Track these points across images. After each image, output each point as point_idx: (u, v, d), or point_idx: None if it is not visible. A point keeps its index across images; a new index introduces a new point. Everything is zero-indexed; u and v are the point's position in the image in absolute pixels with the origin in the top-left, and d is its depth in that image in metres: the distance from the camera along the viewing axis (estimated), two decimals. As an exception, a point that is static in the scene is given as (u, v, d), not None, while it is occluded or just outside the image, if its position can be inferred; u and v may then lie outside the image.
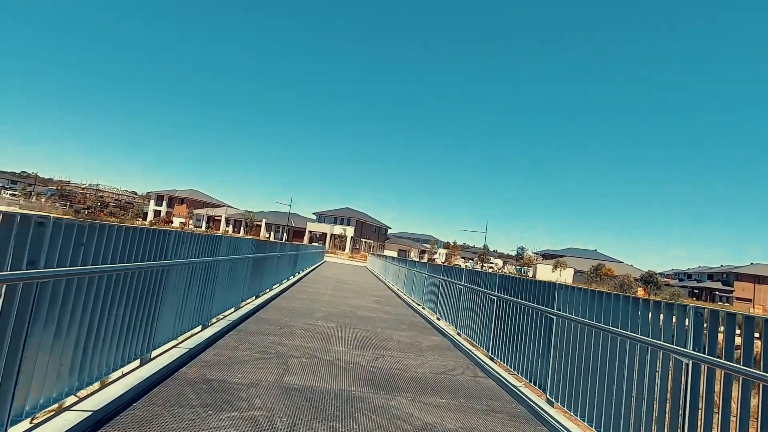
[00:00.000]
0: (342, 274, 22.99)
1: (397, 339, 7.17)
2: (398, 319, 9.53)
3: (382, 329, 7.88)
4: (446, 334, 8.00)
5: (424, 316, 10.26)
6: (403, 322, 9.16)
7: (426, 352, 6.48)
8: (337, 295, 12.33)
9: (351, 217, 77.51)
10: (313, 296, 11.28)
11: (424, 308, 11.28)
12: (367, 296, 13.30)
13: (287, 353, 5.27)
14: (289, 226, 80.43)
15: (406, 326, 8.63)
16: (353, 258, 60.87)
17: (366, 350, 6.04)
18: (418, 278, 12.50)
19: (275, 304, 8.94)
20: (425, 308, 11.17)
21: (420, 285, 12.20)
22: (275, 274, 11.03)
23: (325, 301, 10.62)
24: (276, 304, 8.96)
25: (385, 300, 13.00)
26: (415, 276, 13.09)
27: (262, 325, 6.68)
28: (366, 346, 6.32)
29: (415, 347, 6.74)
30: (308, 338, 6.27)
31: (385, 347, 6.41)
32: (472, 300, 7.38)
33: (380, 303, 12.03)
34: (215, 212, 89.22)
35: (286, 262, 13.12)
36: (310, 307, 9.24)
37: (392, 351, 6.23)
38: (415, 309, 11.40)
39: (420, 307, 11.61)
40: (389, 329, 7.98)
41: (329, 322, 7.81)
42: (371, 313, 9.73)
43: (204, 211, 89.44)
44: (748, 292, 73.93)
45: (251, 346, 5.35)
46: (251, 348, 5.25)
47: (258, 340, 5.69)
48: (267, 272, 9.77)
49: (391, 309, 11.04)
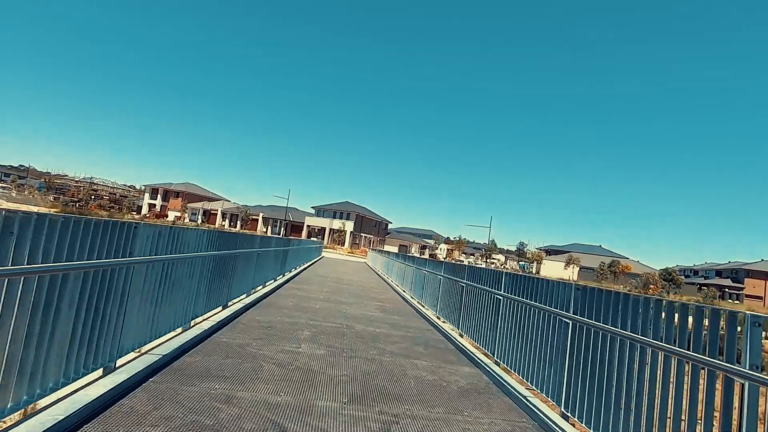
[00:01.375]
0: (340, 271, 20.80)
1: (414, 375, 4.96)
2: (410, 335, 7.33)
3: (391, 357, 5.66)
4: (479, 362, 5.79)
5: (440, 329, 8.05)
6: (418, 341, 6.95)
7: (460, 401, 4.27)
8: (332, 301, 10.13)
9: (350, 211, 75.26)
10: (301, 303, 9.08)
11: (439, 318, 9.08)
12: (368, 301, 11.10)
13: (232, 429, 3.05)
14: (286, 221, 78.24)
15: (422, 348, 6.42)
16: (353, 253, 58.70)
17: (369, 406, 3.82)
18: (431, 280, 10.28)
19: (247, 319, 6.72)
20: (441, 318, 8.97)
21: (433, 289, 9.99)
22: (254, 276, 8.82)
23: (316, 311, 8.42)
24: (248, 318, 6.75)
25: (390, 306, 10.79)
26: (426, 278, 10.87)
27: (214, 358, 4.47)
28: (369, 395, 4.11)
29: (443, 391, 4.53)
30: (280, 383, 4.05)
31: (399, 395, 4.19)
32: (522, 319, 5.16)
33: (385, 311, 9.82)
34: (211, 206, 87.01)
35: (272, 260, 10.91)
36: (295, 321, 7.03)
37: (410, 403, 4.01)
38: (428, 319, 9.20)
39: (434, 316, 9.41)
40: (401, 356, 5.77)
41: (317, 347, 5.60)
42: (375, 328, 7.53)
43: (200, 204, 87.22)
44: (759, 289, 71.89)
45: (173, 412, 3.13)
46: (169, 420, 3.02)
47: (192, 395, 3.46)
48: (240, 274, 7.57)
49: (400, 320, 8.83)
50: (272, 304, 8.35)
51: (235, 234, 7.05)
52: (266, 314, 7.28)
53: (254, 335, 5.72)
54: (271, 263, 10.77)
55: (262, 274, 9.84)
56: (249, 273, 8.35)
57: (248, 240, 8.01)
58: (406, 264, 14.30)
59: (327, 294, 11.22)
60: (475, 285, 6.98)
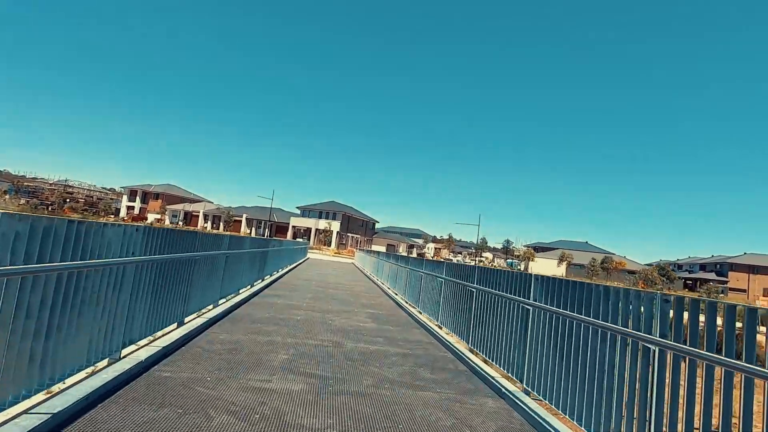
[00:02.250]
0: (326, 273, 19.40)
1: (425, 417, 3.66)
2: (411, 353, 6.02)
3: (390, 388, 4.35)
4: (503, 391, 4.53)
5: (445, 342, 6.78)
6: (422, 361, 5.65)
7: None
8: (317, 309, 8.77)
9: (337, 210, 73.70)
10: (280, 313, 7.71)
11: (441, 327, 7.81)
12: (358, 308, 9.77)
13: None
14: (271, 222, 76.25)
15: (428, 372, 5.13)
16: (339, 254, 57.20)
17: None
18: (430, 284, 9.01)
19: (208, 339, 5.34)
20: (444, 328, 7.70)
21: (433, 293, 8.73)
22: (223, 283, 7.42)
23: (297, 324, 7.06)
24: (209, 338, 5.36)
25: (384, 314, 9.48)
26: (423, 280, 9.60)
27: (140, 410, 3.09)
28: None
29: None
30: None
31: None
32: (571, 339, 3.90)
33: (378, 320, 8.52)
34: (193, 207, 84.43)
35: (247, 264, 9.50)
36: (269, 340, 5.67)
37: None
38: (429, 329, 7.93)
39: (435, 326, 8.15)
40: (404, 386, 4.46)
41: (294, 379, 4.25)
42: (368, 344, 6.21)
43: (180, 206, 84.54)
44: (742, 282, 72.79)
45: None
46: None
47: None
48: (202, 282, 6.18)
49: (396, 332, 7.54)
50: (244, 317, 6.96)
51: (192, 233, 5.66)
52: (234, 331, 5.90)
53: (212, 364, 4.35)
54: (245, 267, 9.35)
55: (235, 281, 8.43)
56: (215, 280, 6.95)
57: (212, 241, 6.61)
58: (399, 265, 13.00)
59: (311, 301, 9.85)
60: (490, 291, 5.72)
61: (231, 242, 7.70)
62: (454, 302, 7.27)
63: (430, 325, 8.10)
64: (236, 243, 8.24)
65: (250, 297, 9.08)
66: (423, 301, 9.50)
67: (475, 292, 6.25)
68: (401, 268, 12.45)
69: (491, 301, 5.66)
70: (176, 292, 5.15)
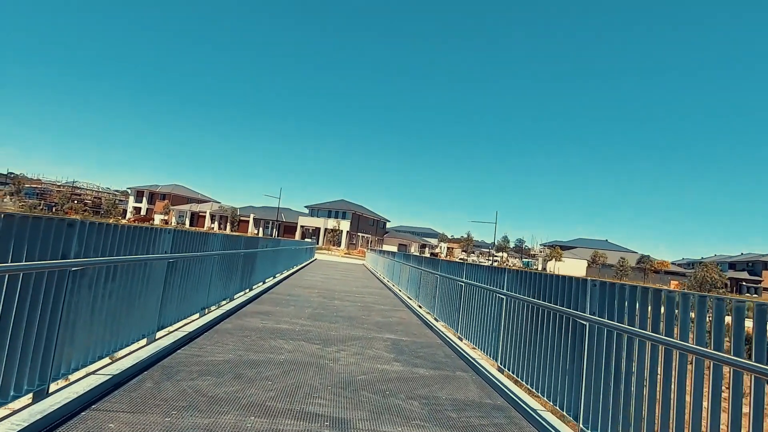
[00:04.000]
0: (333, 278, 16.68)
1: None
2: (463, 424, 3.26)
3: None
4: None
5: (533, 415, 3.98)
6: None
7: None
8: (314, 338, 6.02)
9: (346, 209, 71.12)
10: (252, 350, 4.97)
11: (503, 369, 5.01)
12: (373, 331, 7.00)
13: None
14: (279, 221, 74.02)
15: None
16: (349, 254, 54.57)
17: None
18: (485, 302, 6.17)
19: (144, 390, 2.62)
20: (519, 377, 4.89)
21: (490, 316, 5.91)
22: (162, 304, 4.72)
23: (276, 373, 4.31)
24: (152, 388, 2.64)
25: (410, 342, 6.68)
26: (469, 295, 6.78)
27: None
28: None
29: None
30: None
31: None
32: None
33: (403, 353, 5.74)
34: (200, 208, 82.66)
35: (216, 271, 6.81)
36: (234, 398, 2.94)
37: None
38: (490, 379, 5.12)
39: (495, 369, 5.34)
40: None
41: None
42: (395, 398, 3.48)
43: (187, 207, 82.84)
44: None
45: None
46: None
47: None
48: (111, 304, 3.48)
49: (434, 379, 4.76)
50: (192, 362, 4.24)
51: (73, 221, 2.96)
52: (154, 398, 3.18)
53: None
54: (212, 278, 6.64)
55: (191, 299, 5.73)
56: (148, 300, 4.26)
57: (133, 236, 3.89)
58: (425, 269, 10.19)
59: (307, 322, 7.12)
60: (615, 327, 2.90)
61: (177, 241, 4.98)
62: (522, 328, 4.45)
63: (491, 371, 5.27)
64: (193, 242, 5.52)
65: (221, 319, 6.39)
66: (470, 328, 6.65)
67: (589, 326, 3.44)
68: (429, 273, 9.64)
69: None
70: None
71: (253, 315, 7.13)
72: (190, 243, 5.36)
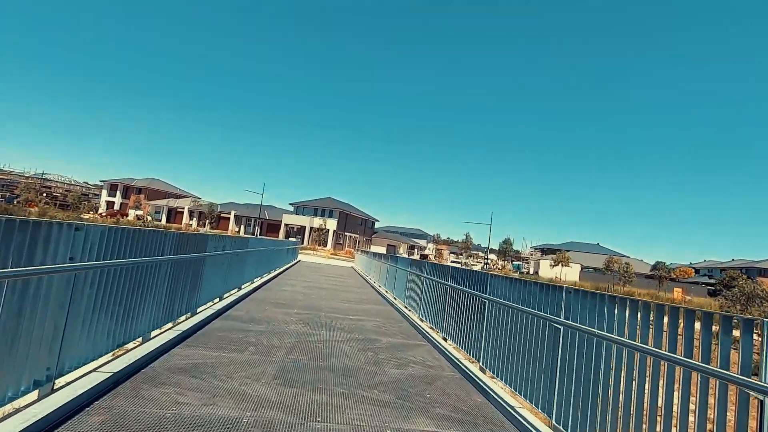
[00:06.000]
0: (319, 286, 13.44)
1: None
2: None
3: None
4: None
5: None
6: None
7: None
8: (291, 402, 2.86)
9: (333, 208, 67.68)
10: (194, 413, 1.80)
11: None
12: (393, 414, 3.86)
13: None
14: (261, 219, 70.11)
15: None
16: (336, 255, 51.20)
17: None
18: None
19: None
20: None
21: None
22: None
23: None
24: None
25: (438, 394, 3.56)
26: (519, 323, 3.68)
27: None
28: None
29: None
30: None
31: None
32: None
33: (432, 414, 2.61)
34: (178, 203, 78.19)
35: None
36: None
37: None
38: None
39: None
40: None
41: None
42: None
43: (164, 201, 78.25)
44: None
45: None
46: None
47: None
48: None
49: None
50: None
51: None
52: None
53: None
54: (85, 306, 3.40)
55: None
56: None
57: None
58: (437, 281, 7.03)
59: (271, 392, 3.90)
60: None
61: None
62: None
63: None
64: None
65: (167, 349, 3.17)
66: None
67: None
68: (453, 289, 6.47)
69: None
70: None
71: (171, 376, 3.89)
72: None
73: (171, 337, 4.88)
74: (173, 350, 4.64)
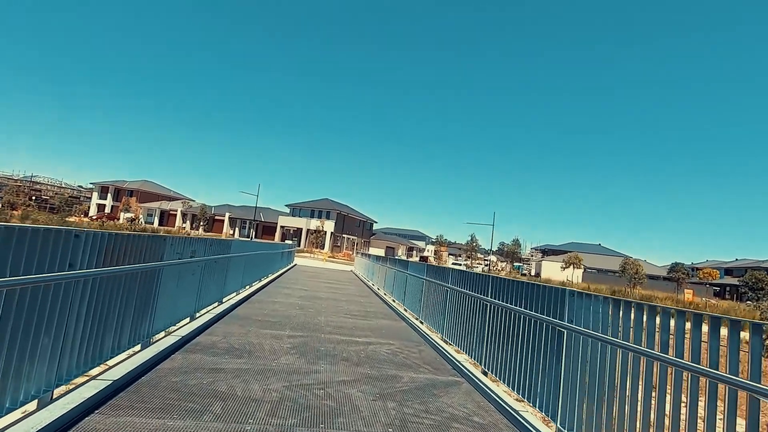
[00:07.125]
0: (317, 296, 11.65)
1: None
2: None
3: None
4: None
5: None
6: None
7: None
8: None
9: (331, 209, 65.80)
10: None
11: None
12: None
13: None
14: (257, 221, 68.17)
15: None
16: (334, 258, 49.33)
17: None
18: None
19: None
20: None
21: None
22: None
23: None
24: None
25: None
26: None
27: None
28: None
29: None
30: None
31: None
32: None
33: None
34: (171, 206, 76.15)
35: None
36: None
37: None
38: None
39: None
40: None
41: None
42: None
43: (157, 204, 76.19)
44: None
45: None
46: None
47: None
48: None
49: None
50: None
51: None
52: None
53: None
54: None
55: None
56: None
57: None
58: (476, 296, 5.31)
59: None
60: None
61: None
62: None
63: None
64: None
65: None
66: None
67: None
68: (500, 308, 4.75)
69: None
70: None
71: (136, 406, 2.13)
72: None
73: (85, 396, 3.10)
74: (79, 424, 2.87)
